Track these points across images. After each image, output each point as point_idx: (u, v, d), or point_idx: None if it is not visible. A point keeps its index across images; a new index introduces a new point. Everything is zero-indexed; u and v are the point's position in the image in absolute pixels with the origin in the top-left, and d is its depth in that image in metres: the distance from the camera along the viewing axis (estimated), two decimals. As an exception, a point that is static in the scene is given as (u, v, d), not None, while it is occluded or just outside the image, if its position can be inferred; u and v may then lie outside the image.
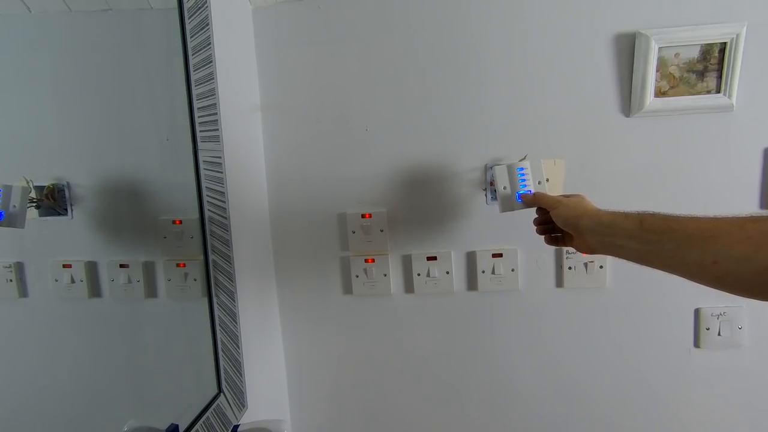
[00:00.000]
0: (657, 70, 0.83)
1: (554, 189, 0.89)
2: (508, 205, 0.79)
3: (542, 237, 0.76)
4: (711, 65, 0.83)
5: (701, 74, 0.84)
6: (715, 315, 0.91)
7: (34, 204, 0.45)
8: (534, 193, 0.76)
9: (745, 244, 0.44)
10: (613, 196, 0.89)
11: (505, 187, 0.79)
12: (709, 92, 0.84)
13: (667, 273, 0.53)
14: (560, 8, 0.86)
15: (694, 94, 0.84)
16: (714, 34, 0.81)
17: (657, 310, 0.92)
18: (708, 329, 0.91)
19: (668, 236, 0.51)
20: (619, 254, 0.59)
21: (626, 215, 0.58)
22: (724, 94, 0.83)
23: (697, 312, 0.92)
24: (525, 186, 0.78)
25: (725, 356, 0.93)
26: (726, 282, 0.46)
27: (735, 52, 0.81)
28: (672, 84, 0.84)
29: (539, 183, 0.79)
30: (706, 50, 0.83)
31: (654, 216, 0.54)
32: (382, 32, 0.90)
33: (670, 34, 0.82)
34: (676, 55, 0.83)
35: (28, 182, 0.44)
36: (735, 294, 0.46)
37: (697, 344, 0.93)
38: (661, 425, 0.96)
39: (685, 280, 0.86)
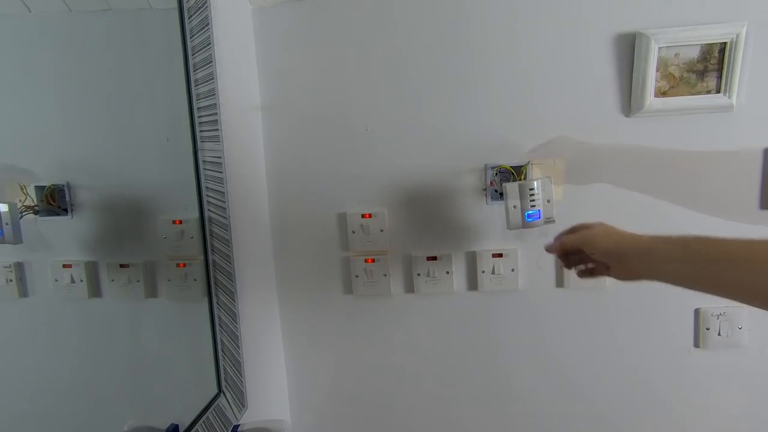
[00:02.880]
0: (657, 70, 0.83)
1: (555, 189, 0.89)
2: (516, 224, 0.80)
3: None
4: (711, 65, 0.83)
5: (701, 74, 0.84)
6: (715, 315, 0.91)
7: (32, 210, 0.45)
8: (561, 242, 0.72)
9: None
10: (613, 196, 0.89)
11: (515, 206, 0.79)
12: (709, 92, 0.84)
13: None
14: (560, 8, 0.86)
15: (694, 94, 0.84)
16: (714, 34, 0.81)
17: (657, 310, 0.92)
18: (708, 329, 0.91)
19: (714, 259, 0.52)
20: (664, 279, 0.59)
21: (667, 239, 0.58)
22: (725, 94, 0.83)
23: (697, 312, 0.92)
24: (534, 205, 0.78)
25: (725, 356, 0.93)
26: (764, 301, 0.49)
27: (735, 52, 0.81)
28: (672, 84, 0.84)
29: (548, 202, 0.79)
30: (707, 50, 0.83)
31: (698, 239, 0.55)
32: (382, 32, 0.90)
33: (670, 34, 0.82)
34: (676, 55, 0.83)
35: (22, 188, 0.44)
36: None
37: (697, 344, 0.93)
38: (661, 425, 0.96)
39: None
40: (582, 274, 0.73)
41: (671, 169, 0.88)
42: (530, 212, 0.78)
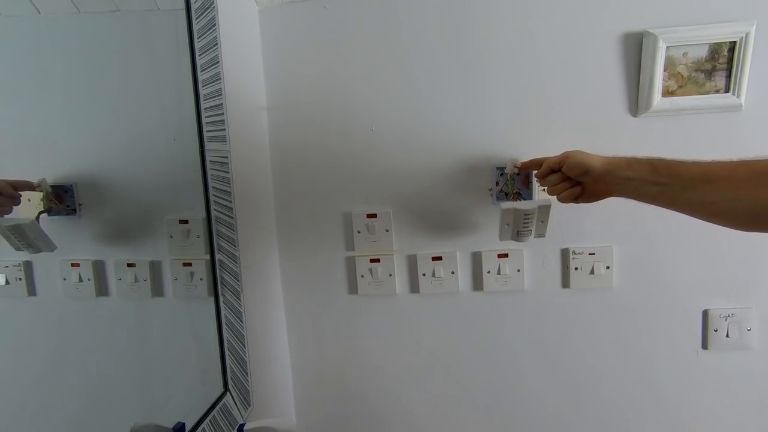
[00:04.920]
0: (665, 70, 0.83)
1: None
2: (506, 238, 0.82)
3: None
4: (720, 64, 0.82)
5: (710, 73, 0.83)
6: (723, 316, 0.90)
7: (46, 211, 0.45)
8: (544, 162, 0.76)
9: (737, 187, 0.53)
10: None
11: (507, 224, 0.81)
12: (717, 92, 0.83)
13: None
14: (567, 7, 0.85)
15: (702, 94, 0.83)
16: (723, 33, 0.81)
17: (664, 311, 0.92)
18: (716, 331, 0.90)
19: (675, 179, 0.59)
20: (634, 196, 0.65)
21: (637, 159, 0.64)
22: (733, 94, 0.83)
23: (705, 313, 0.91)
24: (528, 229, 0.80)
25: (733, 358, 0.92)
26: (722, 218, 0.56)
27: (744, 51, 0.80)
28: (680, 83, 0.84)
29: (542, 222, 0.80)
30: (715, 49, 0.82)
31: (662, 162, 0.61)
32: (388, 32, 0.90)
33: (679, 33, 0.81)
34: (685, 54, 0.82)
35: (45, 195, 0.45)
36: (729, 227, 0.56)
37: (705, 346, 0.92)
38: (668, 427, 0.95)
39: (693, 281, 0.86)
40: (569, 195, 0.74)
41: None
42: (521, 230, 0.80)
